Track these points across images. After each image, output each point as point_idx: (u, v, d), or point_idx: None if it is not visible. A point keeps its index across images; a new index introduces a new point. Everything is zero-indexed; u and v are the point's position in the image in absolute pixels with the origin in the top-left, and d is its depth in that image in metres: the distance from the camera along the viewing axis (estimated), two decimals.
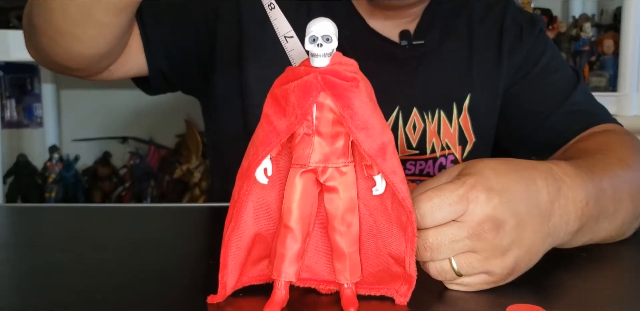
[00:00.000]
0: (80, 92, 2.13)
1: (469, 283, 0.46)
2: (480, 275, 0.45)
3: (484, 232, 0.44)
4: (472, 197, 0.44)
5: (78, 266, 0.54)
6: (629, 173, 0.60)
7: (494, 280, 0.46)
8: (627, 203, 0.57)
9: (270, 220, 0.44)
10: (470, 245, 0.44)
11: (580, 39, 1.76)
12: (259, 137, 0.41)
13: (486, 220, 0.44)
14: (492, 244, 0.44)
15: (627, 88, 1.64)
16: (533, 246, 0.47)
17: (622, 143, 0.69)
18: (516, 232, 0.45)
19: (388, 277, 0.44)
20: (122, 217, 0.75)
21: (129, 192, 2.00)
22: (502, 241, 0.45)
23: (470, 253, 0.45)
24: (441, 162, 0.84)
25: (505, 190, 0.45)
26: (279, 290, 0.42)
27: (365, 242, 0.44)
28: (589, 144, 0.72)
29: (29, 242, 0.62)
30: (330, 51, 0.40)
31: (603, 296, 0.47)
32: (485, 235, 0.44)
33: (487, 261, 0.45)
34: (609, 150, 0.65)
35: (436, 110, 0.83)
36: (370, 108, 0.40)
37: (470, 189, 0.44)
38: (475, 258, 0.45)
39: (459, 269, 0.45)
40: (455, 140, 0.84)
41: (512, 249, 0.45)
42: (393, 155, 0.41)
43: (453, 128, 0.84)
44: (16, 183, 1.89)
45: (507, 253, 0.45)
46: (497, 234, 0.44)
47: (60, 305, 0.44)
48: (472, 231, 0.44)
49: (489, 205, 0.44)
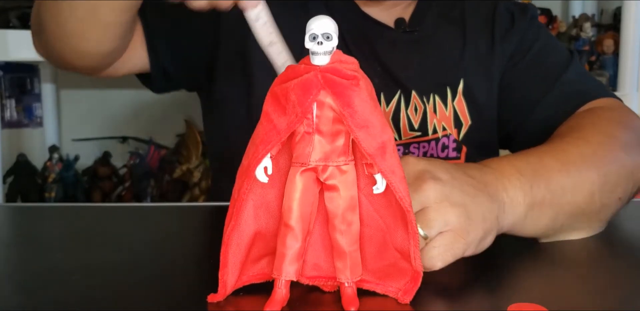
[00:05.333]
0: (80, 92, 2.13)
1: (440, 245, 0.48)
2: (444, 233, 0.48)
3: (424, 183, 0.48)
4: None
5: (78, 266, 0.54)
6: (587, 148, 0.62)
7: (460, 234, 0.48)
8: (589, 174, 0.59)
9: (270, 218, 0.44)
10: (418, 200, 0.48)
11: (580, 39, 1.76)
12: (259, 136, 0.41)
13: (421, 173, 0.49)
14: (438, 194, 0.48)
15: (627, 88, 1.64)
16: (477, 198, 0.50)
17: (598, 121, 0.71)
18: (457, 182, 0.49)
19: (396, 272, 0.44)
20: (122, 216, 0.75)
21: (129, 191, 2.00)
22: (445, 191, 0.48)
23: (423, 210, 0.48)
24: (444, 142, 0.85)
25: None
26: (280, 289, 0.42)
27: (372, 237, 0.44)
28: (561, 129, 0.74)
29: (29, 242, 0.62)
30: (331, 49, 0.40)
31: (603, 296, 0.47)
32: (425, 187, 0.48)
33: (439, 210, 0.48)
34: (574, 132, 0.68)
35: (431, 94, 0.85)
36: (371, 106, 0.40)
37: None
38: (430, 211, 0.48)
39: (421, 229, 0.47)
40: (451, 123, 0.85)
41: (460, 200, 0.49)
42: (392, 154, 0.41)
43: (448, 112, 0.85)
44: (16, 183, 1.89)
45: (455, 203, 0.48)
46: (436, 184, 0.48)
47: (60, 305, 0.44)
48: (412, 187, 0.47)
49: (420, 163, 0.50)
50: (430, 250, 0.48)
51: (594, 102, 0.80)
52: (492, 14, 0.88)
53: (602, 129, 0.68)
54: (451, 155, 0.85)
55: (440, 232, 0.48)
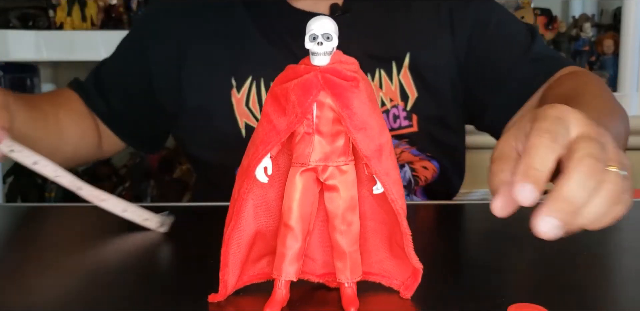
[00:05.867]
0: None
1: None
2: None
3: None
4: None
5: (78, 266, 0.54)
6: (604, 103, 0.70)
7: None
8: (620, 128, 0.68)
9: (270, 217, 0.44)
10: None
11: (580, 39, 1.76)
12: (259, 136, 0.41)
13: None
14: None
15: (627, 88, 1.64)
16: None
17: (588, 82, 0.77)
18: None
19: (400, 265, 0.45)
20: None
21: (129, 192, 2.00)
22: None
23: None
24: (394, 113, 0.86)
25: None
26: (280, 289, 0.42)
27: (377, 230, 0.45)
28: (562, 90, 0.76)
29: (29, 242, 0.62)
30: (331, 49, 0.40)
31: (603, 295, 0.47)
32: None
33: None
34: (582, 92, 0.72)
35: (376, 69, 0.85)
36: (370, 108, 0.40)
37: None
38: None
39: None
40: (397, 96, 0.86)
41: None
42: (389, 156, 0.41)
43: (394, 86, 0.85)
44: (16, 183, 1.89)
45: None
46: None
47: (60, 305, 0.44)
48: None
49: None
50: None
51: (567, 69, 0.83)
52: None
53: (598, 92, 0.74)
54: (404, 124, 0.86)
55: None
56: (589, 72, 0.83)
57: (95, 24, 1.78)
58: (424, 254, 0.44)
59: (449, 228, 0.68)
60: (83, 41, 1.67)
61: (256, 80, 0.85)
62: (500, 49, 0.86)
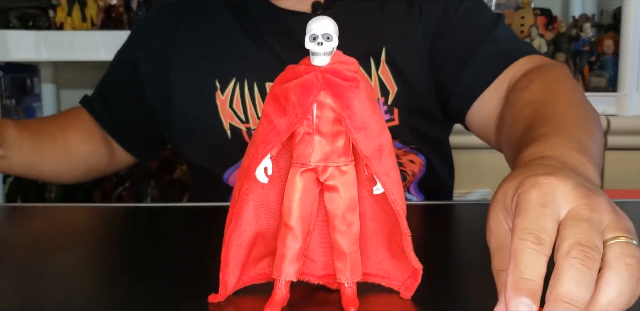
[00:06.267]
0: (80, 92, 2.11)
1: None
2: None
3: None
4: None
5: (78, 266, 0.54)
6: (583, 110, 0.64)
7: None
8: (600, 135, 0.61)
9: (270, 218, 0.44)
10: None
11: (580, 39, 1.76)
12: (259, 136, 0.41)
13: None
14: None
15: (627, 89, 1.64)
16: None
17: (557, 82, 0.72)
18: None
19: (400, 266, 0.45)
20: (122, 216, 0.75)
21: (129, 192, 2.00)
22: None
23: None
24: None
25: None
26: (280, 290, 0.42)
27: (377, 231, 0.45)
28: (531, 95, 0.72)
29: (29, 242, 0.62)
30: (331, 50, 0.40)
31: None
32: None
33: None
34: (552, 99, 0.67)
35: None
36: (370, 108, 0.40)
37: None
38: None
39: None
40: (377, 92, 0.86)
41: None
42: (389, 156, 0.41)
43: (374, 81, 0.85)
44: (16, 183, 1.89)
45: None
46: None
47: (61, 305, 0.44)
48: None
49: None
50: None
51: (524, 59, 0.81)
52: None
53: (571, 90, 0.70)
54: (385, 118, 0.85)
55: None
56: (555, 64, 0.80)
57: (96, 24, 1.78)
58: (423, 254, 0.44)
59: (449, 229, 0.68)
60: (83, 41, 1.67)
61: (240, 82, 0.86)
62: (464, 34, 0.86)
